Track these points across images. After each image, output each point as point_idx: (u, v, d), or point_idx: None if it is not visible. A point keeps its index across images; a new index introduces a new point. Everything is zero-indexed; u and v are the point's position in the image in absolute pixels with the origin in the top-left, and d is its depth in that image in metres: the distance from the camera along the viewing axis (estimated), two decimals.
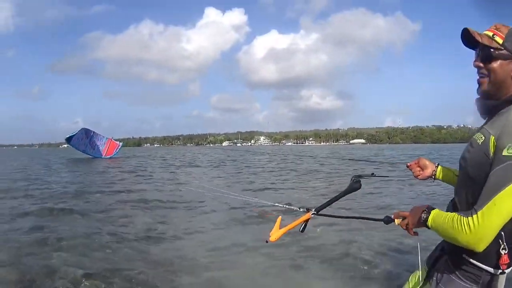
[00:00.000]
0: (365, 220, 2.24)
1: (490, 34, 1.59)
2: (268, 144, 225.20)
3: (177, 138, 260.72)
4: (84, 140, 39.62)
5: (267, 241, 2.14)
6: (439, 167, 2.13)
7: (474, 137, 1.61)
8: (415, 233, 1.76)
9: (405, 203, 9.12)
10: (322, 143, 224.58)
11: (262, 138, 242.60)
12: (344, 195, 2.18)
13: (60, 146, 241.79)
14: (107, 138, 42.74)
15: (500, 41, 1.56)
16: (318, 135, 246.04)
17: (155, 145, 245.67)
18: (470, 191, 1.57)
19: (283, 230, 2.14)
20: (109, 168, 23.74)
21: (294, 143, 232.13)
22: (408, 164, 2.16)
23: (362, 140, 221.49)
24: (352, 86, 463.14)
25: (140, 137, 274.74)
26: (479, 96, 1.68)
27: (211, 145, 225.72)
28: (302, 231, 2.13)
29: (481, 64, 1.62)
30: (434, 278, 1.74)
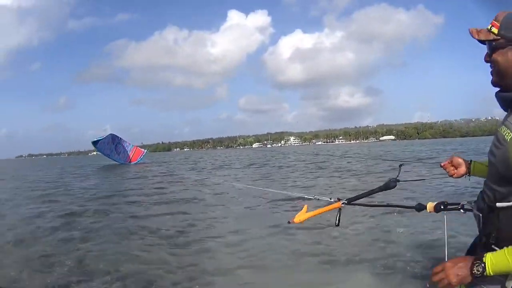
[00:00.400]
0: (397, 208, 2.36)
1: (489, 27, 1.60)
2: (298, 144, 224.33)
3: (207, 141, 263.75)
4: (110, 145, 40.29)
5: (289, 222, 2.21)
6: (473, 163, 2.07)
7: (500, 131, 1.58)
8: None
9: (427, 195, 9.00)
10: (352, 141, 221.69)
11: (292, 138, 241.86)
12: (377, 192, 2.21)
13: (89, 154, 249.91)
14: (133, 145, 43.44)
15: (496, 31, 1.58)
16: (347, 134, 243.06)
17: (185, 149, 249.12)
18: (502, 186, 1.53)
19: (309, 213, 2.19)
20: (140, 173, 24.38)
21: (323, 142, 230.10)
22: (442, 164, 2.11)
23: (392, 137, 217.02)
24: (379, 82, 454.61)
25: (169, 142, 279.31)
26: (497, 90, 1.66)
27: (241, 147, 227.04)
28: (338, 224, 2.14)
29: (487, 58, 1.63)
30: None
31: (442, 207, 1.90)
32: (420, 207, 1.98)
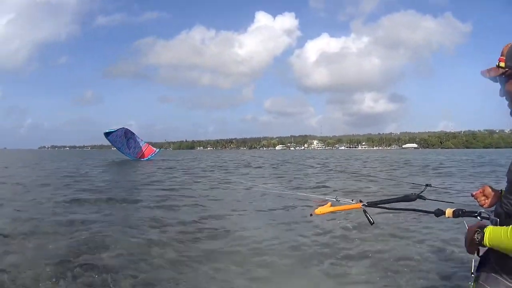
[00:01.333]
0: (416, 212, 2.30)
1: (497, 63, 1.71)
2: (321, 148, 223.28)
3: (230, 141, 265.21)
4: (122, 139, 40.35)
5: (311, 214, 2.37)
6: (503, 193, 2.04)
7: None
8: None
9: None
10: (374, 148, 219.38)
11: (315, 142, 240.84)
12: (396, 201, 2.26)
13: (112, 148, 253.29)
14: (145, 142, 43.59)
15: (503, 64, 1.68)
16: (370, 140, 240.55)
17: (208, 148, 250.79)
18: None
19: (331, 208, 2.33)
20: (160, 168, 25.21)
21: (347, 147, 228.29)
22: (473, 193, 2.12)
23: (414, 145, 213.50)
24: (405, 89, 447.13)
25: (193, 140, 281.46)
26: None
27: (264, 148, 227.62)
28: (372, 223, 2.24)
29: (501, 93, 1.78)
30: (480, 281, 1.78)
31: (460, 213, 1.92)
32: (439, 212, 2.01)
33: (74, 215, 8.04)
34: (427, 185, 2.41)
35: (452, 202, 2.28)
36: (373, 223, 2.24)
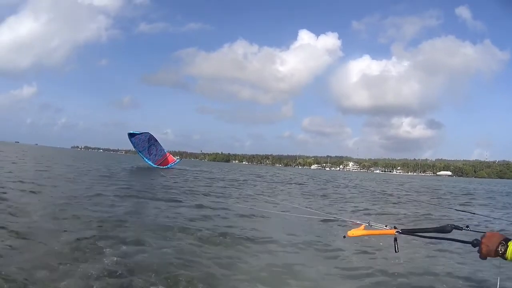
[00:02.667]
0: (452, 241, 2.28)
1: None
2: (357, 170, 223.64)
3: (266, 157, 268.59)
4: (144, 143, 40.29)
5: (344, 236, 2.54)
6: None
7: None
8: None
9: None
10: (409, 173, 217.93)
11: (350, 164, 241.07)
12: (432, 232, 2.31)
13: None
14: (166, 151, 43.92)
15: None
16: (406, 165, 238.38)
17: (244, 163, 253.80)
18: None
19: (364, 231, 2.45)
20: (197, 179, 27.73)
21: (382, 171, 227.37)
22: None
23: (449, 172, 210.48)
24: (442, 115, 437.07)
25: (229, 153, 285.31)
26: None
27: (300, 167, 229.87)
28: (396, 251, 2.38)
29: None
30: None
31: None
32: (477, 243, 1.92)
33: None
34: (467, 226, 2.30)
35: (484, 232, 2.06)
36: (397, 251, 2.34)
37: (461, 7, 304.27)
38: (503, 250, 1.75)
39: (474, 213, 9.28)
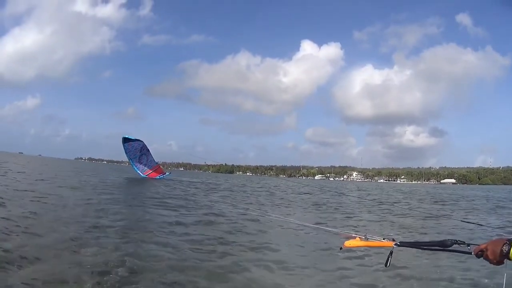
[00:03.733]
0: (452, 252, 2.22)
1: None
2: (361, 180, 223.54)
3: (270, 168, 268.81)
4: (136, 151, 40.14)
5: (341, 248, 2.52)
6: None
7: None
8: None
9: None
10: (413, 182, 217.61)
11: (354, 173, 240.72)
12: (431, 246, 2.35)
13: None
14: (157, 163, 43.21)
15: None
16: (410, 173, 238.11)
17: (248, 174, 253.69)
18: None
19: (360, 243, 2.42)
20: (203, 189, 28.74)
21: (386, 180, 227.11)
22: None
23: (453, 180, 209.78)
24: (445, 123, 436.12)
25: (233, 165, 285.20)
26: None
27: (304, 177, 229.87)
28: (387, 265, 2.32)
29: None
30: None
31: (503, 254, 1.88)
32: (481, 254, 1.96)
33: None
34: (469, 244, 2.19)
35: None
36: (388, 266, 2.27)
37: (462, 14, 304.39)
38: (507, 250, 1.80)
39: (481, 224, 9.60)
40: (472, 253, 2.03)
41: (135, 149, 40.09)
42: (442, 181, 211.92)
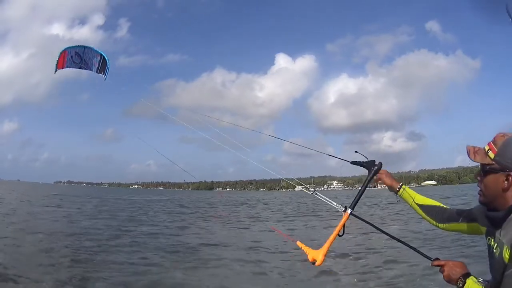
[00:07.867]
0: (415, 251, 2.19)
1: (486, 148, 1.64)
2: (341, 188, 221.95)
3: (250, 182, 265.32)
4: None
5: (314, 263, 2.03)
6: (405, 188, 2.54)
7: (491, 244, 1.70)
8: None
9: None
10: None
11: (335, 182, 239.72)
12: (367, 185, 2.46)
13: (131, 187, 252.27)
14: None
15: (492, 155, 1.59)
16: None
17: (227, 189, 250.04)
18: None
19: (326, 246, 2.04)
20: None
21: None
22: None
23: (433, 182, 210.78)
24: (422, 127, 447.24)
25: (212, 181, 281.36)
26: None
27: (284, 190, 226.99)
28: (341, 234, 2.11)
29: (478, 178, 1.72)
30: None
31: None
32: (440, 269, 1.93)
33: None
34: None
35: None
36: (341, 235, 2.09)
37: (431, 22, 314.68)
38: (460, 286, 1.74)
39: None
40: (431, 264, 1.98)
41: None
42: (422, 183, 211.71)
